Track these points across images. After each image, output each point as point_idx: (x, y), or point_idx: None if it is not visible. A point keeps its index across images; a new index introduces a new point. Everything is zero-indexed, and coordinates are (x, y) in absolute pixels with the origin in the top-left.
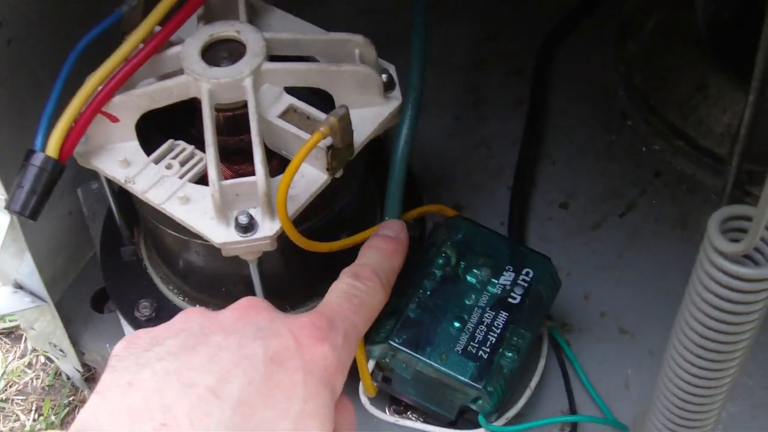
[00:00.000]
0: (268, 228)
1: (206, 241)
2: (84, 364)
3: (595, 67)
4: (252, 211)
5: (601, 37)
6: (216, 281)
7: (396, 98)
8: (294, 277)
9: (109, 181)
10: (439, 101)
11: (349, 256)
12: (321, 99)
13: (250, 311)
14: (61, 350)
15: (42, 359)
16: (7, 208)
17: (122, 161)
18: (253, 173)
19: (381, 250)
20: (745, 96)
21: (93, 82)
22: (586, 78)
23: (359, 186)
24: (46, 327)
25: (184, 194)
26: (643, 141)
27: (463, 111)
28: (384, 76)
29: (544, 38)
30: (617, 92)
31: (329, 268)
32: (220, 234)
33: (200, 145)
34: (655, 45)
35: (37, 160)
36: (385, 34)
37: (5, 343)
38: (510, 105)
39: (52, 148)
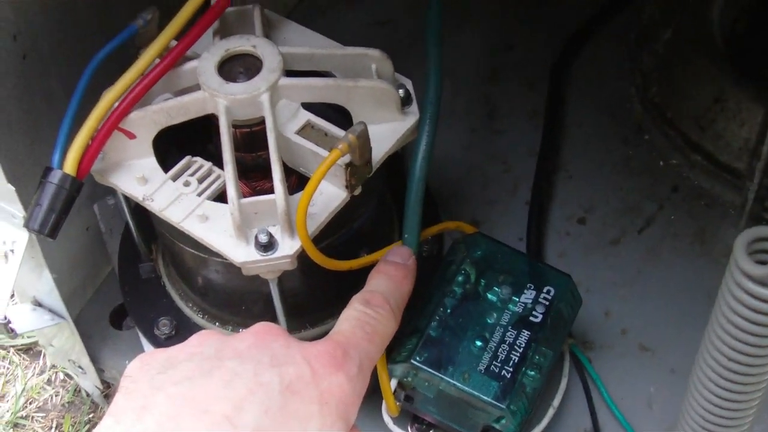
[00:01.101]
0: (288, 246)
1: (225, 259)
2: (103, 381)
3: (610, 79)
4: (271, 229)
5: (617, 49)
6: (235, 299)
7: (413, 113)
8: (313, 295)
9: (126, 198)
10: (453, 113)
11: (367, 273)
12: (337, 113)
13: (266, 337)
14: (80, 367)
15: (61, 375)
16: (26, 226)
17: (140, 178)
18: (270, 190)
19: (391, 277)
20: (763, 109)
21: (109, 98)
22: (602, 91)
23: (377, 202)
24: (64, 344)
25: (202, 212)
26: (660, 155)
27: (478, 123)
28: (401, 91)
29: (558, 50)
30: (634, 105)
31: (348, 285)
32: (241, 253)
33: (217, 161)
34: (671, 57)
35: (55, 177)
36: (399, 44)
37: (24, 359)
38: (525, 117)
39: (70, 166)
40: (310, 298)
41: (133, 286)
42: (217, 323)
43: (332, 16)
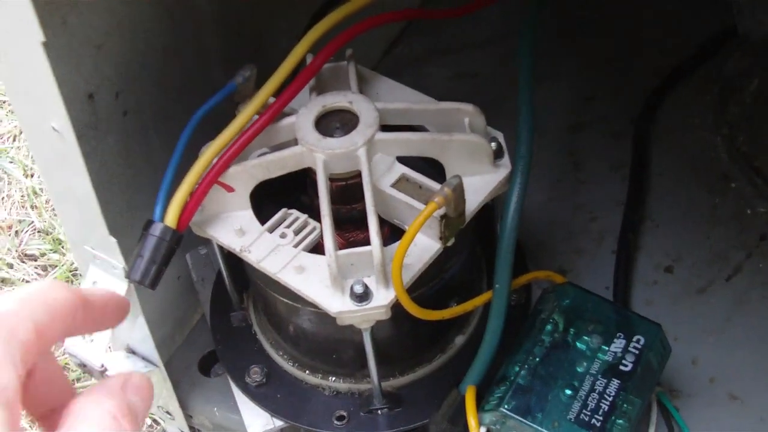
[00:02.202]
0: (383, 297)
1: (319, 309)
2: (191, 427)
3: (694, 129)
4: (366, 280)
5: (700, 99)
6: (327, 347)
7: (505, 166)
8: (403, 343)
9: (220, 247)
10: (538, 164)
11: (455, 322)
12: (428, 165)
13: None
14: (168, 412)
15: (148, 421)
16: (128, 277)
17: (237, 230)
18: (363, 241)
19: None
20: None
21: (209, 153)
22: (686, 140)
23: (468, 253)
24: (153, 389)
25: (299, 263)
26: (747, 204)
27: (563, 174)
28: (493, 144)
29: (641, 101)
30: (719, 155)
31: (437, 334)
32: (336, 303)
33: (311, 213)
34: (758, 107)
35: (157, 230)
36: (479, 96)
37: None
38: (609, 168)
39: (171, 218)
40: (399, 347)
41: (224, 334)
42: (307, 371)
43: (415, 68)
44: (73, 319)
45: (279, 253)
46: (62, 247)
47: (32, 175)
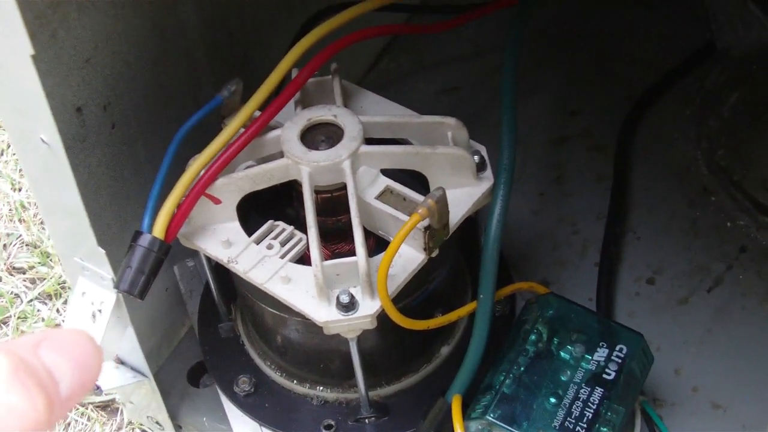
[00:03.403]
0: (368, 307)
1: (306, 319)
2: None
3: (676, 143)
4: (352, 290)
5: (681, 113)
6: (314, 357)
7: (488, 179)
8: (389, 353)
9: (208, 259)
10: (522, 177)
11: (441, 333)
12: (411, 177)
13: None
14: (157, 423)
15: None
16: (117, 287)
17: (224, 242)
18: (348, 252)
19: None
20: None
21: (196, 165)
22: (668, 154)
23: (452, 264)
24: (143, 400)
25: (285, 274)
26: (727, 216)
27: (547, 187)
28: (476, 157)
29: (624, 114)
30: (700, 168)
31: (422, 344)
32: (323, 313)
33: (297, 225)
34: (737, 121)
35: (145, 241)
36: (463, 110)
37: (101, 416)
38: (592, 181)
39: (159, 230)
40: (386, 357)
41: (212, 345)
42: (295, 381)
43: (400, 83)
44: None
45: (266, 263)
46: (50, 260)
47: (20, 189)
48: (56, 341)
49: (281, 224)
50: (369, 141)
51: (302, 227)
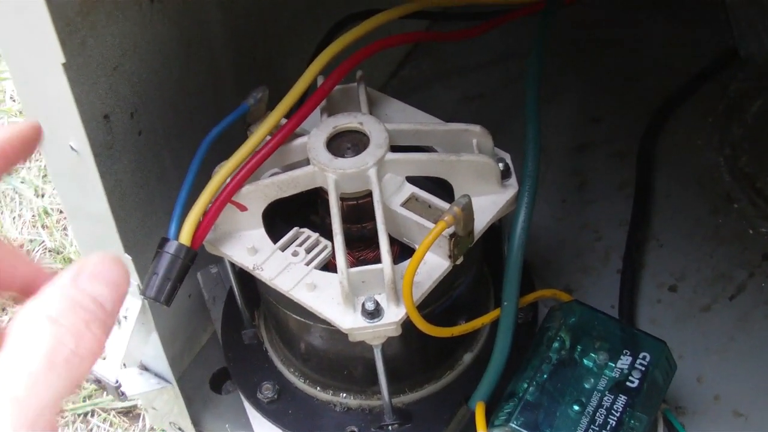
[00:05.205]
0: (393, 314)
1: (331, 325)
2: None
3: (698, 150)
4: (378, 297)
5: (703, 120)
6: (338, 364)
7: (513, 186)
8: (412, 360)
9: (232, 266)
10: (544, 184)
11: (464, 340)
12: (436, 185)
13: None
14: (180, 429)
15: None
16: (143, 294)
17: (250, 249)
18: (373, 259)
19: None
20: None
21: (223, 173)
22: (690, 161)
23: (475, 271)
24: (165, 406)
25: (311, 281)
26: (749, 224)
27: (569, 194)
28: (501, 164)
29: (646, 121)
30: (722, 175)
31: (446, 351)
32: (348, 320)
33: (322, 232)
34: (760, 128)
35: (171, 247)
36: (486, 117)
37: (123, 421)
38: (615, 188)
39: (185, 236)
40: (409, 364)
41: (236, 351)
42: (318, 387)
43: (422, 90)
44: None
45: (291, 270)
46: None
47: (43, 195)
48: (90, 270)
49: (306, 231)
50: (394, 148)
51: (327, 234)
